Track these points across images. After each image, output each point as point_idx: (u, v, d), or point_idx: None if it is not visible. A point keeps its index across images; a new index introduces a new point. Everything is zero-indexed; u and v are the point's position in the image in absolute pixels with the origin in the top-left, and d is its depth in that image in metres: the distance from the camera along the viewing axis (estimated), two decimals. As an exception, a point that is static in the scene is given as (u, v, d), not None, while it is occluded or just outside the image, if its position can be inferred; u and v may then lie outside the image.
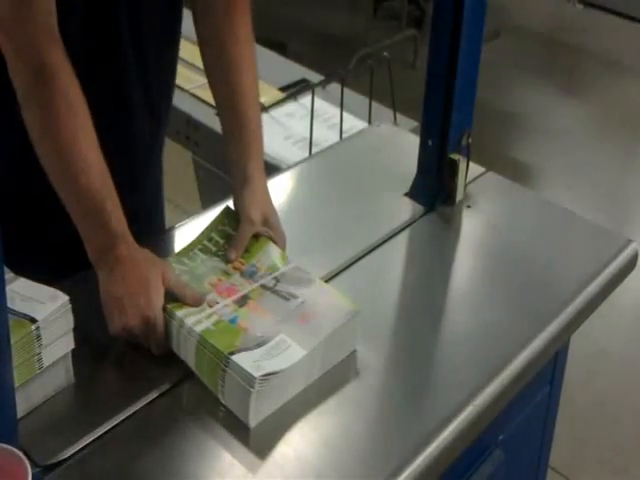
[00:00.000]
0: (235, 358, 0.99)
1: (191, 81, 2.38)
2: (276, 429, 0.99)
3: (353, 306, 1.09)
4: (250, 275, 1.14)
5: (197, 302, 1.07)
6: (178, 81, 1.35)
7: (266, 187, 1.24)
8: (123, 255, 1.06)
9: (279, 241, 1.20)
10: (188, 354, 1.04)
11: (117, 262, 1.05)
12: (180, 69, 1.32)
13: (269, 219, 1.20)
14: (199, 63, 1.29)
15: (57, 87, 1.03)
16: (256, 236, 1.18)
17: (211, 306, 1.07)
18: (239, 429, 0.99)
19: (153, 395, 1.03)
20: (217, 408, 1.01)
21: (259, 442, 0.98)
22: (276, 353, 1.01)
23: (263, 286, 1.12)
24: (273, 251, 1.17)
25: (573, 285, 1.27)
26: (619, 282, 1.33)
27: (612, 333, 2.74)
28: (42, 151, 1.05)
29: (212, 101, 1.28)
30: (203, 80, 1.93)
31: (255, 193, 1.20)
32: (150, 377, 1.05)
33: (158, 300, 1.04)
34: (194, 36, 1.28)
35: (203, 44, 1.27)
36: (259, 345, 1.02)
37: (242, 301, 1.09)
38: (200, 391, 1.03)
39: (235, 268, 1.14)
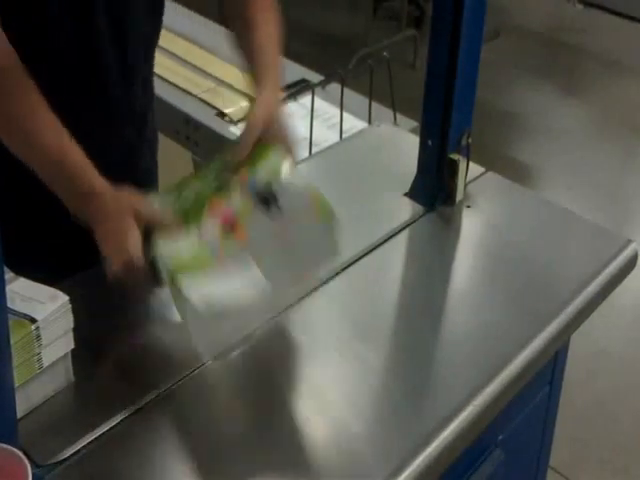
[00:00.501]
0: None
1: (198, 86, 2.38)
2: (276, 429, 0.99)
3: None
4: (251, 188, 1.09)
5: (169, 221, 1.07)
6: (184, 85, 1.36)
7: (277, 87, 1.17)
8: (97, 209, 1.07)
9: (288, 143, 1.13)
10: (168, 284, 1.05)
11: (94, 216, 1.08)
12: (185, 72, 1.33)
13: (277, 119, 1.13)
14: (206, 67, 1.31)
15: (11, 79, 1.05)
16: (263, 142, 1.11)
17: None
18: (239, 429, 0.99)
19: (153, 395, 1.03)
20: (217, 407, 1.01)
21: (259, 443, 0.98)
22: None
23: (255, 202, 1.08)
24: (276, 159, 1.10)
25: (573, 285, 1.27)
26: (619, 282, 1.33)
27: (612, 333, 2.74)
28: (5, 136, 1.07)
29: (210, 98, 1.29)
30: (210, 85, 1.96)
31: (262, 93, 1.14)
32: (150, 377, 1.05)
33: (133, 243, 1.05)
34: (201, 40, 1.29)
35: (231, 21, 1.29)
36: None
37: (230, 228, 1.07)
38: (199, 390, 1.03)
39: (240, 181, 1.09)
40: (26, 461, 0.78)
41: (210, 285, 1.00)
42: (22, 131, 1.07)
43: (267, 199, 1.08)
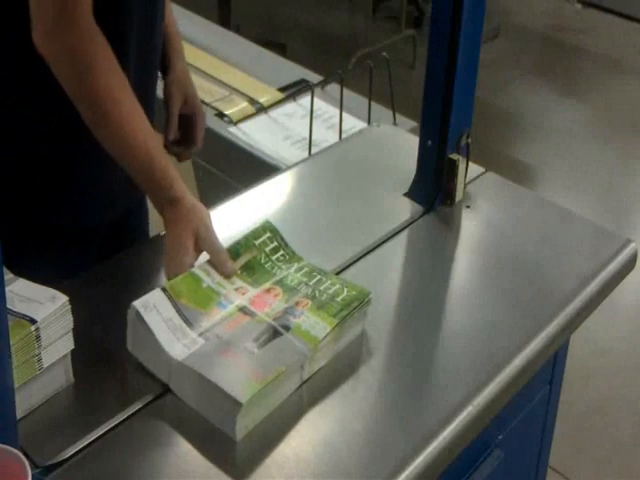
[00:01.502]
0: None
1: (212, 94, 2.38)
2: (276, 429, 0.99)
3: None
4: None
5: (226, 271, 1.12)
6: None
7: (186, 69, 1.40)
8: (168, 217, 1.15)
9: (200, 120, 1.40)
10: None
11: (166, 220, 1.16)
12: (202, 82, 1.37)
13: (190, 98, 1.38)
14: (222, 77, 1.34)
15: (100, 87, 1.10)
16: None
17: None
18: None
19: (153, 395, 1.03)
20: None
21: (259, 442, 0.98)
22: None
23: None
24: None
25: (573, 285, 1.27)
26: (618, 282, 1.33)
27: (612, 333, 2.74)
28: (100, 135, 1.14)
29: (212, 101, 1.30)
30: (225, 93, 2.00)
31: (175, 73, 1.37)
32: (150, 377, 1.05)
33: (186, 262, 1.11)
34: (201, 41, 1.30)
35: None
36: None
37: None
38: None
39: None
40: (26, 462, 0.78)
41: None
42: (116, 132, 1.13)
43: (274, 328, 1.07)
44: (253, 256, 1.16)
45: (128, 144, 1.13)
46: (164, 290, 1.06)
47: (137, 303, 1.03)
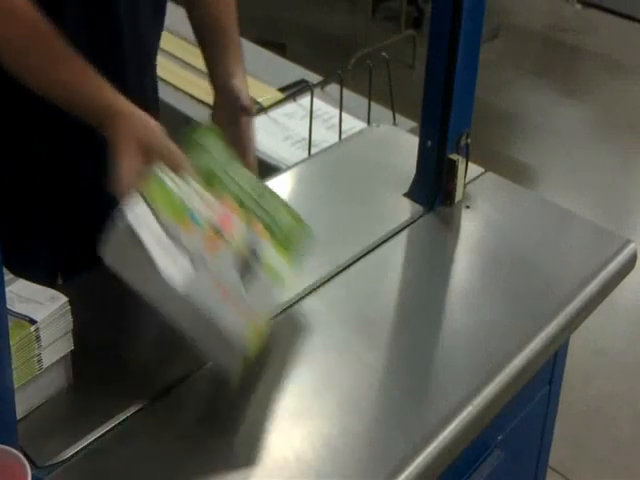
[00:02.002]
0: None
1: (211, 94, 2.38)
2: (276, 430, 0.99)
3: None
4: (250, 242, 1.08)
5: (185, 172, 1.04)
6: (184, 86, 1.36)
7: (245, 75, 1.24)
8: (124, 107, 1.06)
9: (252, 144, 1.20)
10: None
11: (119, 114, 1.05)
12: (186, 74, 1.34)
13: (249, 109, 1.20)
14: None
15: (27, 24, 1.04)
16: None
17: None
18: (240, 429, 0.99)
19: (152, 396, 1.03)
20: (218, 406, 1.01)
21: (259, 443, 0.98)
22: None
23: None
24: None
25: (572, 285, 1.27)
26: (618, 282, 1.33)
27: (611, 333, 2.74)
28: (25, 63, 1.07)
29: (211, 101, 1.28)
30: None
31: (244, 85, 1.21)
32: (150, 377, 1.05)
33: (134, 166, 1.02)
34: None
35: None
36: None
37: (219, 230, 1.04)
38: (200, 390, 1.03)
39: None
40: (25, 462, 0.78)
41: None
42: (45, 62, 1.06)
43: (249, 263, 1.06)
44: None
45: (62, 57, 1.06)
46: (145, 200, 0.97)
47: (130, 218, 0.94)
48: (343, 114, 2.09)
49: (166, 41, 1.32)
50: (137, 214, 0.94)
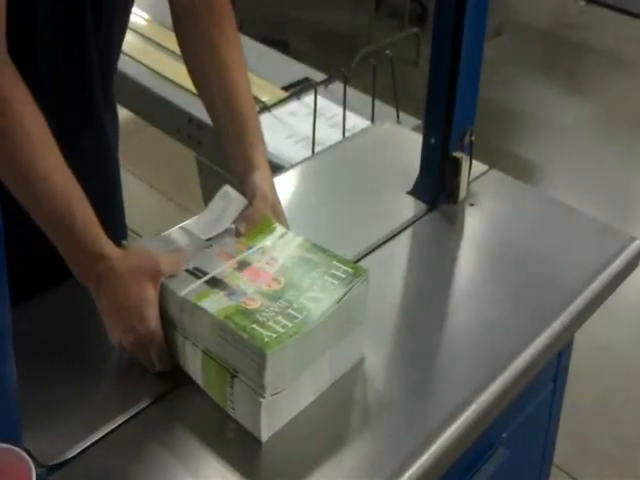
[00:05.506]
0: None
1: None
2: (278, 429, 0.99)
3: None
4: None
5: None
6: (187, 84, 1.34)
7: (273, 180, 1.20)
8: (104, 272, 1.00)
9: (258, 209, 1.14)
10: (194, 366, 1.02)
11: (100, 280, 1.00)
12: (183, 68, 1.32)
13: (277, 207, 1.16)
14: None
15: (11, 117, 0.97)
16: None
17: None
18: (241, 429, 0.99)
19: (158, 395, 1.03)
20: (219, 407, 1.01)
21: (261, 443, 0.98)
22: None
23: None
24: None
25: (577, 282, 1.26)
26: (623, 279, 1.33)
27: (616, 330, 2.74)
28: (5, 178, 0.99)
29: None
30: None
31: (266, 178, 1.17)
32: (155, 377, 1.05)
33: (151, 312, 0.99)
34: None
35: (188, 44, 1.25)
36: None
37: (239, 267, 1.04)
38: (203, 391, 1.03)
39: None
40: (30, 461, 0.78)
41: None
42: (27, 175, 0.98)
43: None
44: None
45: (39, 187, 0.97)
46: None
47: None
48: (347, 112, 2.09)
49: (170, 39, 1.31)
50: None
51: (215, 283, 1.01)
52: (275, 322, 0.95)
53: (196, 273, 1.02)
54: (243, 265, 1.04)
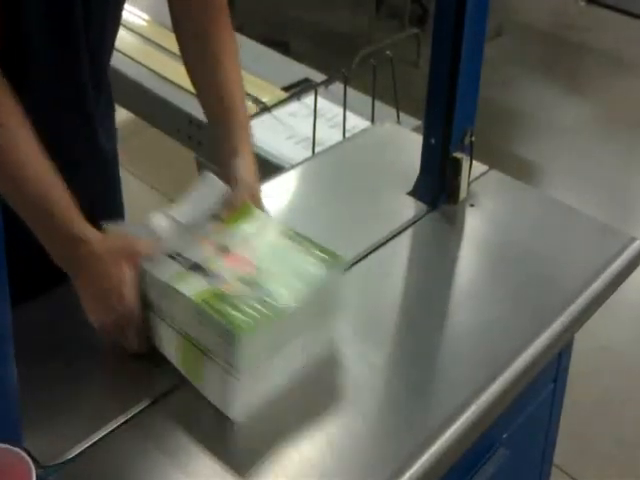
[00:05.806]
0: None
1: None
2: (279, 429, 0.99)
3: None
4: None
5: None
6: (187, 85, 1.34)
7: (255, 167, 1.20)
8: (84, 255, 1.01)
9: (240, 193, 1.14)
10: (169, 347, 1.04)
11: (80, 263, 1.02)
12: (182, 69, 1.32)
13: (256, 194, 1.16)
14: None
15: None
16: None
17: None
18: (243, 428, 0.99)
19: (157, 395, 1.03)
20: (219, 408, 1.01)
21: (261, 442, 0.98)
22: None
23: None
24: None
25: (577, 282, 1.26)
26: (623, 279, 1.33)
27: (616, 330, 2.74)
28: None
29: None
30: None
31: (248, 164, 1.17)
32: (154, 377, 1.05)
33: (130, 293, 1.01)
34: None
35: (185, 45, 1.27)
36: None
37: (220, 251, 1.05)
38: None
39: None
40: (30, 461, 0.78)
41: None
42: (2, 163, 0.99)
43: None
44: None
45: (17, 175, 0.99)
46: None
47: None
48: (347, 113, 2.09)
49: (170, 40, 1.31)
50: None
51: (194, 267, 1.03)
52: (250, 307, 0.97)
53: (176, 257, 1.04)
54: (222, 250, 1.06)
